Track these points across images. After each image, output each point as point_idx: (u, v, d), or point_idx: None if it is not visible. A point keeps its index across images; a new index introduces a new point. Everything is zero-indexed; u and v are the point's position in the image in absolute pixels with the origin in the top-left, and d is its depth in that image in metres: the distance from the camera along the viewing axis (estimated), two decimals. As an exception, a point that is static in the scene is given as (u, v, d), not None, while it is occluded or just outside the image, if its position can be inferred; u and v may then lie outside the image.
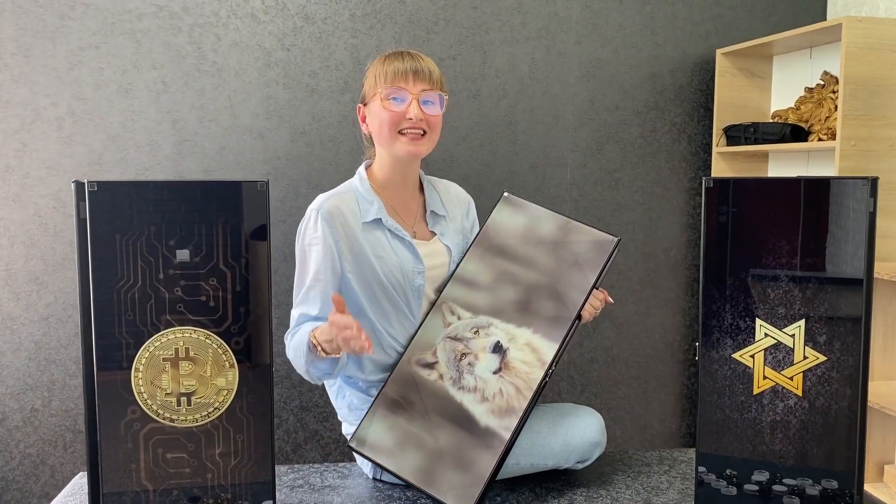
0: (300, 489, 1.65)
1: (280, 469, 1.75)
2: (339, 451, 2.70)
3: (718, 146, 2.89)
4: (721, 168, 2.92)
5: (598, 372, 2.95)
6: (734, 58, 2.88)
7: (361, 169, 1.74)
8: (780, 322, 1.44)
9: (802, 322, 1.43)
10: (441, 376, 1.62)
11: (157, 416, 1.32)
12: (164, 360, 1.31)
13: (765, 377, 1.45)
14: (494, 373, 1.59)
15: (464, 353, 1.62)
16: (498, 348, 1.61)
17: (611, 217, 2.90)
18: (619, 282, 2.93)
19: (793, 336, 1.43)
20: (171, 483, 1.33)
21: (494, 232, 1.75)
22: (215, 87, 2.52)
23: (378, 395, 1.66)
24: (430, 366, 1.65)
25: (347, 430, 1.77)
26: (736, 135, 2.82)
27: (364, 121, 1.71)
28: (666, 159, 2.95)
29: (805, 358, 1.43)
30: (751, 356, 1.45)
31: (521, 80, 2.77)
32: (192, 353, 1.31)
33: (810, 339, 1.43)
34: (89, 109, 2.45)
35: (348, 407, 1.75)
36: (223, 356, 1.32)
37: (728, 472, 1.49)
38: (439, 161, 2.68)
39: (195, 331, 1.31)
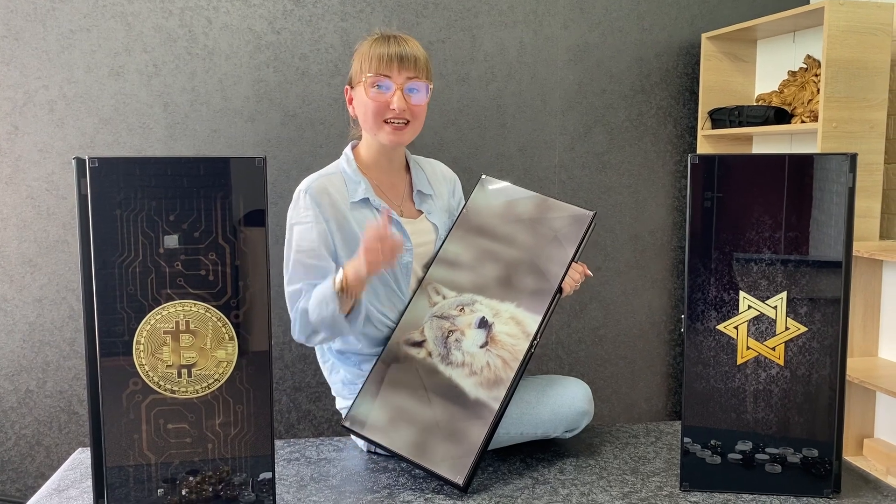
0: (296, 462, 1.69)
1: (276, 443, 1.79)
2: (332, 430, 2.74)
3: (704, 129, 2.94)
4: (706, 150, 2.97)
5: (586, 351, 3.00)
6: (719, 42, 2.92)
7: (348, 150, 1.77)
8: (763, 294, 1.48)
9: (784, 294, 1.48)
10: (430, 354, 1.67)
11: (159, 387, 1.35)
12: (164, 332, 1.34)
13: (748, 348, 1.50)
14: (481, 347, 1.64)
15: (451, 331, 1.67)
16: (483, 323, 1.66)
17: (598, 199, 2.94)
18: (607, 263, 2.98)
19: (775, 308, 1.48)
20: (172, 454, 1.36)
21: (474, 213, 1.79)
22: (206, 70, 2.54)
23: (369, 374, 1.70)
24: (419, 344, 1.69)
25: (341, 404, 1.81)
26: (721, 118, 2.87)
27: (351, 103, 1.74)
28: (652, 142, 2.99)
29: (787, 329, 1.48)
30: (734, 328, 1.50)
31: (510, 63, 2.80)
32: (192, 326, 1.35)
33: (792, 311, 1.48)
34: (81, 92, 2.46)
35: (342, 382, 1.79)
36: (223, 329, 1.35)
37: (712, 441, 1.54)
38: (428, 144, 2.71)
39: (195, 304, 1.34)
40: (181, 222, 1.33)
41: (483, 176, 1.85)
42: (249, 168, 1.34)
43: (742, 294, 1.49)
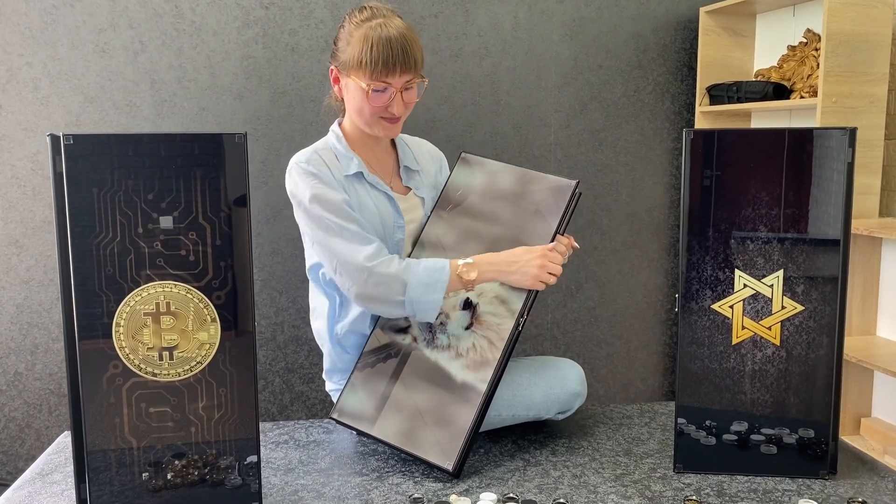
0: (285, 445, 1.66)
1: (265, 425, 1.76)
2: (326, 411, 2.72)
3: (701, 105, 2.89)
4: (704, 127, 2.92)
5: (582, 331, 2.97)
6: (718, 16, 2.87)
7: (335, 126, 1.72)
8: (759, 272, 1.45)
9: (781, 272, 1.44)
10: (415, 339, 1.63)
11: (140, 370, 1.32)
12: (145, 314, 1.30)
13: (743, 327, 1.47)
14: (466, 328, 1.60)
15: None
16: (468, 304, 1.62)
17: (594, 177, 2.90)
18: (603, 242, 2.94)
19: (771, 286, 1.45)
20: (155, 437, 1.34)
21: (455, 192, 1.75)
22: (194, 47, 2.48)
23: (355, 364, 1.67)
24: (404, 330, 1.66)
25: (330, 387, 1.78)
26: (719, 94, 2.82)
27: (337, 83, 1.68)
28: (649, 119, 2.95)
29: (783, 308, 1.45)
30: (730, 307, 1.47)
31: (504, 39, 2.75)
32: (173, 308, 1.31)
33: (788, 290, 1.45)
34: (65, 70, 2.41)
35: (333, 368, 1.76)
36: (204, 310, 1.32)
37: (707, 422, 1.51)
38: (421, 122, 2.66)
39: (176, 285, 1.31)
40: (160, 201, 1.29)
41: (462, 154, 1.81)
42: (230, 145, 1.29)
43: (738, 272, 1.46)
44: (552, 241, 1.61)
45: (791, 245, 1.43)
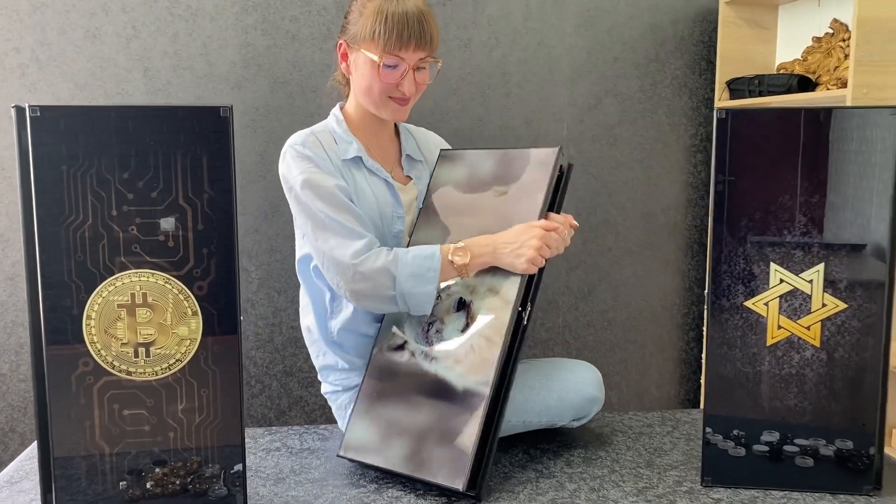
0: (276, 452, 1.53)
1: (257, 431, 1.64)
2: (325, 416, 2.59)
3: (721, 100, 2.76)
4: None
5: (595, 336, 2.84)
6: (738, 8, 2.74)
7: (336, 110, 1.61)
8: (798, 267, 1.32)
9: (821, 266, 1.31)
10: (412, 354, 1.48)
11: (113, 368, 1.19)
12: (118, 306, 1.18)
13: (779, 327, 1.34)
14: (463, 331, 1.45)
15: (429, 323, 1.49)
16: (461, 305, 1.48)
17: (608, 175, 2.78)
18: (617, 243, 2.81)
19: (811, 282, 1.32)
20: (129, 443, 1.21)
21: (438, 192, 1.61)
22: (189, 33, 2.37)
23: (357, 394, 1.53)
24: (401, 347, 1.51)
25: (326, 389, 1.65)
26: (739, 88, 2.69)
27: (345, 59, 1.56)
28: (666, 114, 2.82)
29: (824, 305, 1.32)
30: (764, 304, 1.34)
31: (515, 28, 2.63)
32: (150, 299, 1.19)
33: (830, 286, 1.31)
34: (54, 56, 2.30)
35: (330, 367, 1.63)
36: (185, 302, 1.20)
37: (735, 432, 1.38)
38: (428, 115, 2.54)
39: (153, 274, 1.18)
40: (136, 180, 1.17)
41: (441, 151, 1.68)
42: (213, 119, 1.17)
43: (773, 266, 1.32)
44: (540, 215, 1.46)
45: (833, 236, 1.30)
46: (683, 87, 2.82)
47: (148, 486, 1.25)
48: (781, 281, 1.33)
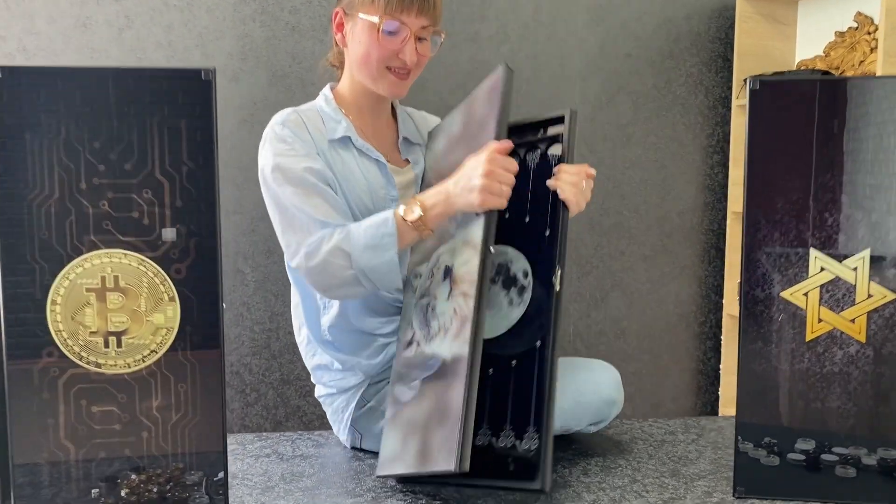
0: (266, 458, 1.41)
1: (245, 437, 1.51)
2: (324, 427, 2.46)
3: (739, 98, 2.65)
4: (742, 122, 2.66)
5: (607, 346, 2.71)
6: (756, 2, 2.63)
7: (326, 90, 1.50)
8: (841, 252, 1.19)
9: (867, 252, 1.18)
10: (418, 343, 1.35)
11: (80, 359, 1.07)
12: (87, 290, 1.06)
13: (820, 320, 1.21)
14: (448, 299, 1.30)
15: (427, 304, 1.36)
16: (447, 272, 1.33)
17: (621, 175, 2.66)
18: (630, 247, 2.69)
19: (855, 269, 1.19)
20: (98, 444, 1.09)
21: (428, 173, 1.50)
22: (184, 24, 2.28)
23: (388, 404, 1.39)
24: (410, 342, 1.38)
25: (320, 392, 1.52)
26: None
27: (341, 30, 1.45)
28: (681, 113, 2.71)
29: (870, 296, 1.19)
30: (803, 294, 1.21)
31: (524, 22, 2.53)
32: (122, 283, 1.07)
33: (877, 273, 1.18)
34: (42, 46, 2.20)
35: (324, 367, 1.51)
36: (161, 287, 1.08)
37: (767, 440, 1.25)
38: (433, 110, 2.41)
39: (126, 255, 1.07)
40: (108, 151, 1.05)
41: (427, 134, 1.58)
42: (195, 83, 1.06)
43: (813, 252, 1.20)
44: (497, 134, 1.30)
45: (880, 218, 1.18)
46: (699, 85, 2.71)
47: (122, 493, 1.13)
48: (822, 269, 1.20)
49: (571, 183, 1.30)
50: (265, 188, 1.38)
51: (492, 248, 1.24)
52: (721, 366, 2.75)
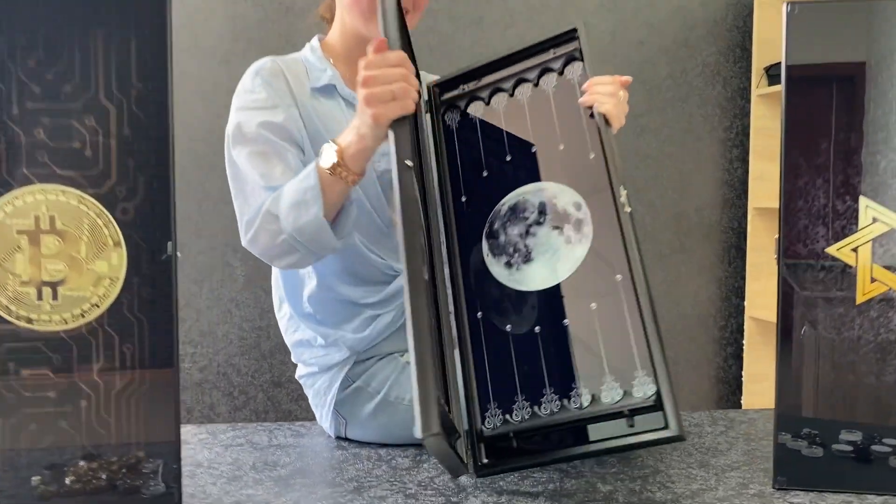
0: (237, 448, 1.25)
1: (218, 427, 1.35)
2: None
3: (759, 87, 2.50)
4: (762, 113, 2.53)
5: (622, 349, 2.54)
6: (776, -13, 2.51)
7: (314, 41, 1.37)
8: (896, 200, 1.03)
9: (927, 199, 1.02)
10: None
11: (9, 314, 0.92)
12: (18, 232, 0.91)
13: (873, 279, 1.04)
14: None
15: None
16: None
17: (635, 169, 2.51)
18: (645, 245, 2.50)
19: (913, 220, 1.03)
20: (27, 413, 0.93)
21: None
22: (174, 2, 2.16)
23: None
24: None
25: (301, 372, 1.37)
26: (780, 74, 2.44)
27: None
28: (698, 105, 2.57)
29: (931, 251, 1.03)
30: (853, 250, 1.05)
31: (532, 6, 2.40)
32: (59, 225, 0.92)
33: (939, 224, 1.02)
34: None
35: (302, 343, 1.35)
36: (104, 230, 0.93)
37: (806, 430, 1.08)
38: (436, 97, 2.31)
39: (64, 191, 0.92)
40: (45, 71, 0.91)
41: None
42: (146, -9, 0.92)
43: (864, 201, 1.04)
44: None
45: (942, 159, 1.02)
46: (716, 75, 2.58)
47: (67, 481, 0.97)
48: (875, 220, 1.04)
49: (609, 93, 1.15)
50: (226, 150, 1.25)
51: (408, 162, 1.04)
52: (744, 374, 2.57)
